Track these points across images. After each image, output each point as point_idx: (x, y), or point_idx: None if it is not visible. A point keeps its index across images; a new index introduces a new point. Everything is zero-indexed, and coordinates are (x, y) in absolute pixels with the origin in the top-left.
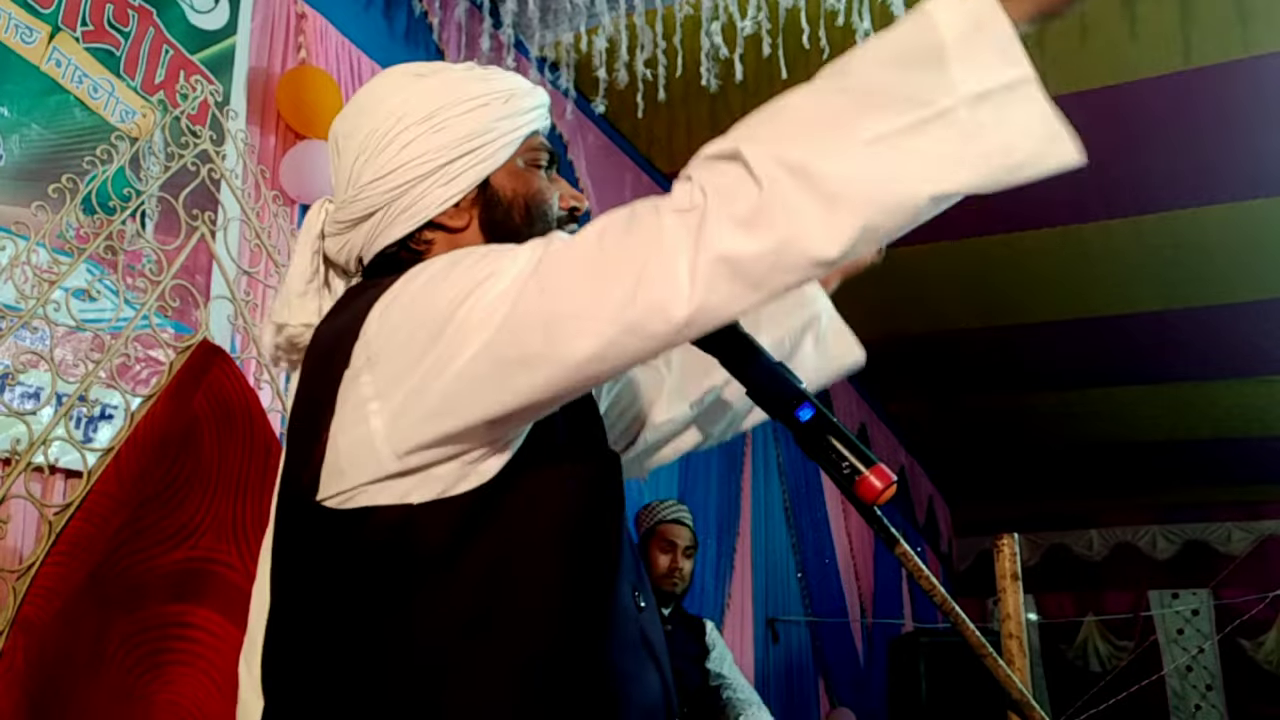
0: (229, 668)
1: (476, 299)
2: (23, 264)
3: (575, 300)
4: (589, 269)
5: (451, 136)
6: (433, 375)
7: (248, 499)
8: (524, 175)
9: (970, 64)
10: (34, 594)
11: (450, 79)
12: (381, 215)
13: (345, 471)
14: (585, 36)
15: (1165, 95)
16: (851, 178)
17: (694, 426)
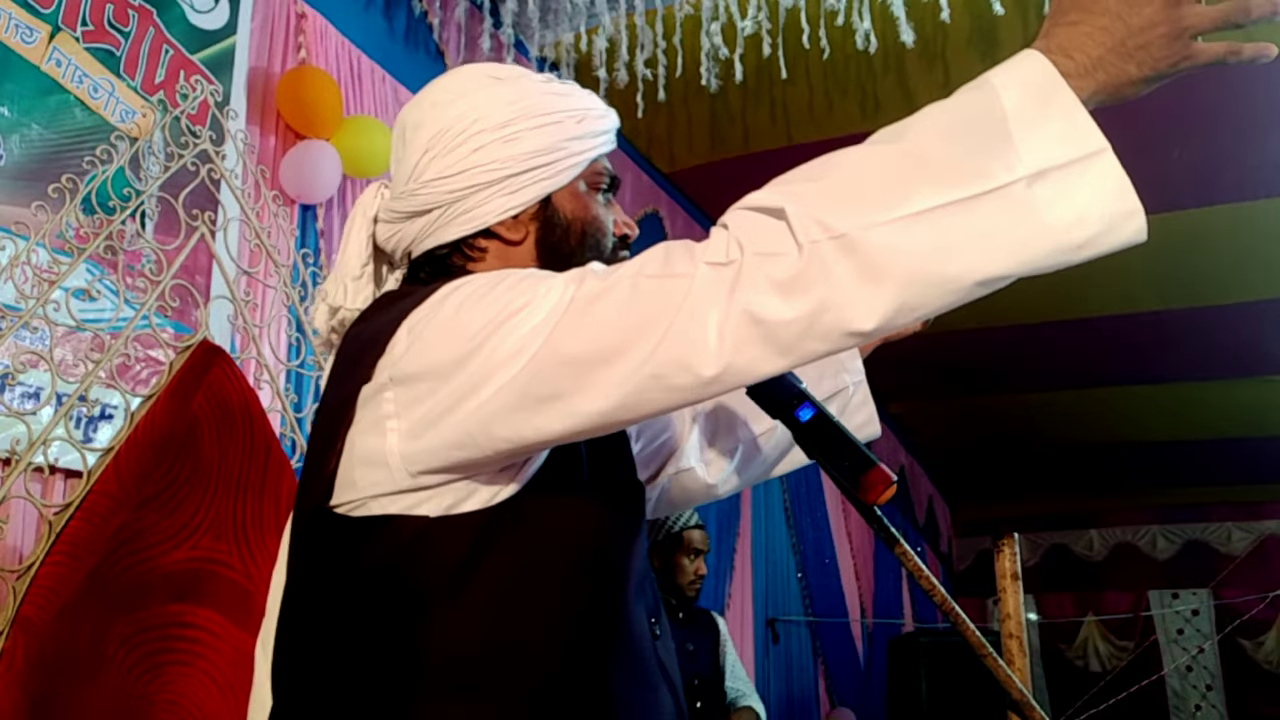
0: (229, 668)
1: (508, 331)
2: (23, 264)
3: (605, 346)
4: (621, 315)
5: (522, 149)
6: (455, 402)
7: (247, 499)
8: (585, 199)
9: (1033, 137)
10: (34, 594)
11: (528, 88)
12: (439, 214)
13: (357, 482)
14: (585, 36)
15: (1165, 95)
16: (897, 251)
17: (723, 469)
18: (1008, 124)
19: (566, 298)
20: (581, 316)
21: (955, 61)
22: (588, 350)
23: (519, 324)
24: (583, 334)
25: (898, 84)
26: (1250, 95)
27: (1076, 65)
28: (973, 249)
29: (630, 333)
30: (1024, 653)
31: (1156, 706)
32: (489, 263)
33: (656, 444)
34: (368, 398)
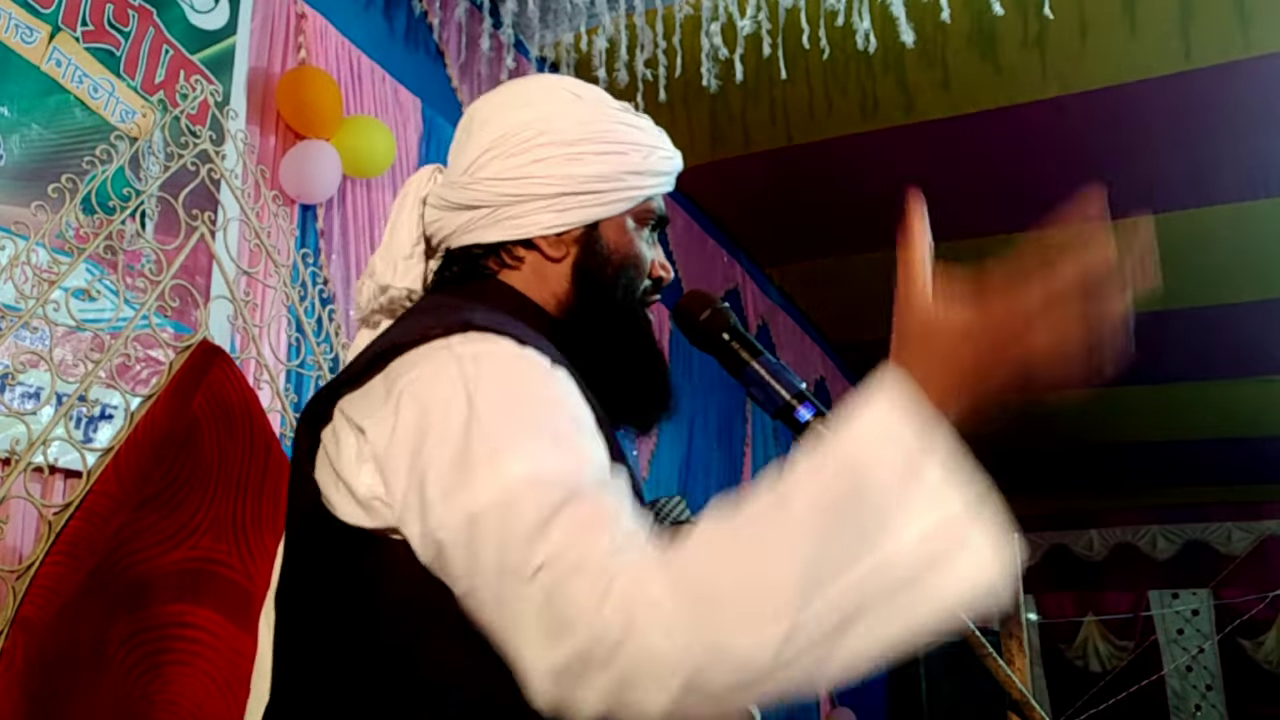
0: (229, 668)
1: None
2: (22, 264)
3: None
4: (519, 606)
5: (584, 171)
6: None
7: (247, 499)
8: (631, 234)
9: (905, 532)
10: (34, 594)
11: (603, 113)
12: (487, 213)
13: (329, 495)
14: (585, 36)
15: (1165, 95)
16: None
17: None
18: (884, 521)
19: (542, 506)
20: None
21: (955, 61)
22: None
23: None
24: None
25: (898, 84)
26: (1250, 95)
27: (940, 419)
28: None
29: (499, 629)
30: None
31: (1156, 706)
32: (522, 273)
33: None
34: (343, 430)
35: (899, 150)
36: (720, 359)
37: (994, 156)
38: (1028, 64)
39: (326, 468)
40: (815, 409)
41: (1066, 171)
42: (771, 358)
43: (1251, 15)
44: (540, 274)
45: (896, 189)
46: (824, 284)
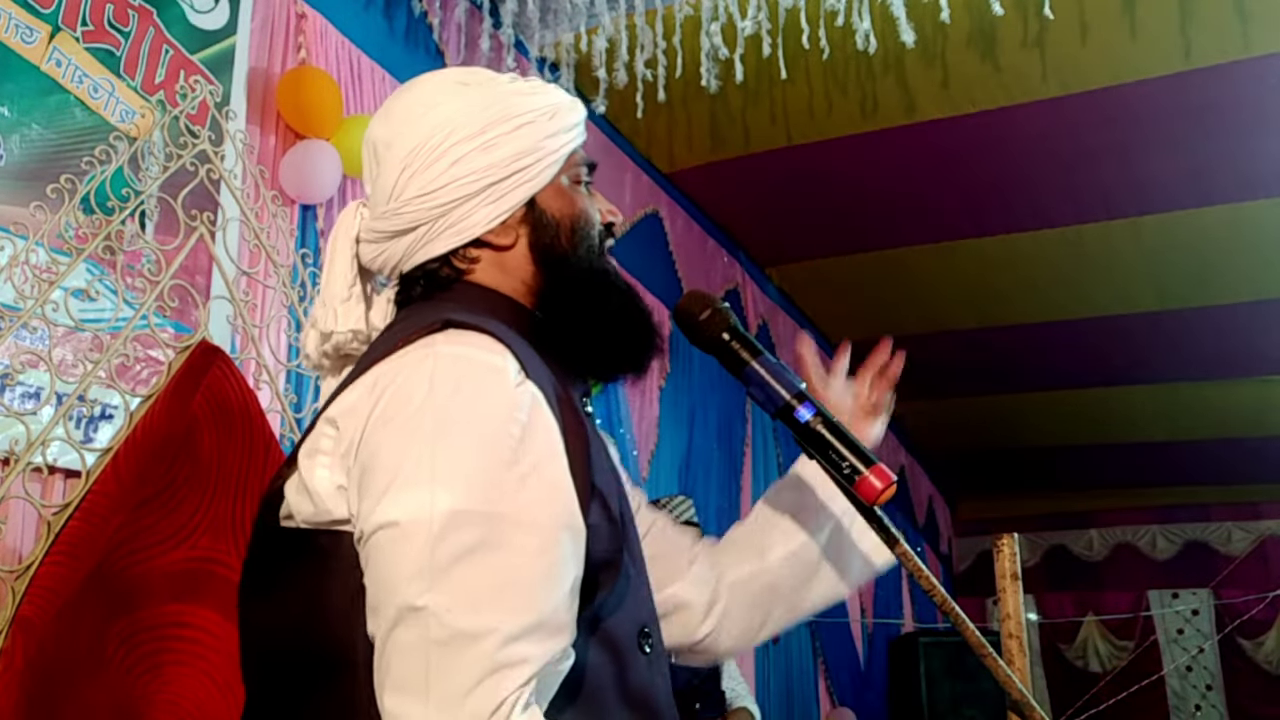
0: (229, 668)
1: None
2: (22, 264)
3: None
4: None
5: (500, 155)
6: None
7: (247, 499)
8: (569, 194)
9: None
10: (33, 594)
11: (497, 92)
12: (425, 230)
13: (292, 499)
14: (585, 36)
15: (1165, 95)
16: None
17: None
18: None
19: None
20: (390, 630)
21: (955, 61)
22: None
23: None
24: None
25: (898, 84)
26: (1250, 95)
27: None
28: None
29: (382, 659)
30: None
31: (1156, 706)
32: (483, 270)
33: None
34: (322, 430)
35: (899, 150)
36: (720, 359)
37: (994, 156)
38: (1028, 64)
39: (295, 475)
40: (815, 409)
41: (1066, 171)
42: (771, 358)
43: (1251, 15)
44: (500, 265)
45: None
46: (824, 284)
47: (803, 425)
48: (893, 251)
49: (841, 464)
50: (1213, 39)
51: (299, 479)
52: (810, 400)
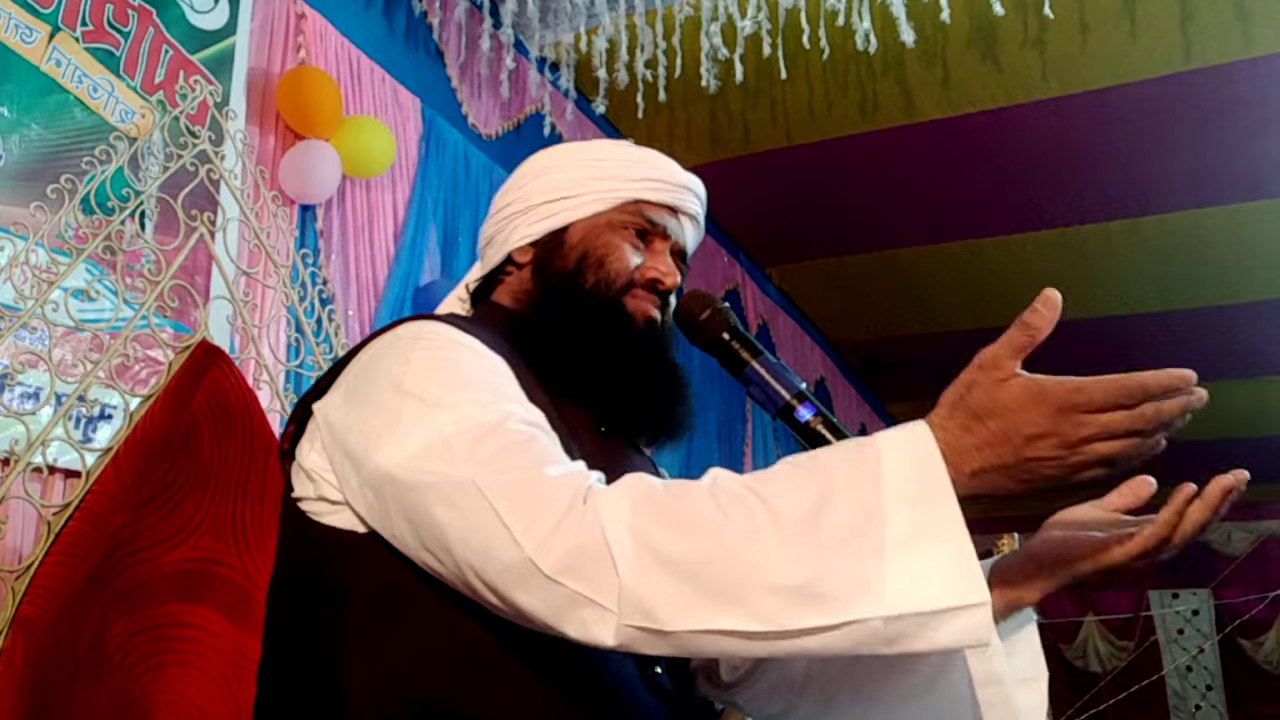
0: (229, 668)
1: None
2: (21, 264)
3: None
4: (494, 542)
5: (547, 184)
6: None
7: (247, 499)
8: (604, 231)
9: (907, 570)
10: (33, 594)
11: (592, 144)
12: (489, 246)
13: (292, 480)
14: (585, 36)
15: (1165, 95)
16: (701, 648)
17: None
18: (884, 547)
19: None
20: (441, 511)
21: (955, 61)
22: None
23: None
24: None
25: (898, 84)
26: (1250, 95)
27: (959, 477)
28: (787, 657)
29: (473, 564)
30: None
31: (1156, 706)
32: (509, 284)
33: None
34: (313, 419)
35: (899, 150)
36: (720, 359)
37: (994, 156)
38: (1028, 64)
39: (295, 464)
40: (815, 409)
41: (1066, 171)
42: (771, 358)
43: (1251, 15)
44: (519, 280)
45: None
46: (824, 284)
47: (803, 425)
48: (893, 251)
49: None
50: (1213, 39)
51: (297, 463)
52: (810, 400)
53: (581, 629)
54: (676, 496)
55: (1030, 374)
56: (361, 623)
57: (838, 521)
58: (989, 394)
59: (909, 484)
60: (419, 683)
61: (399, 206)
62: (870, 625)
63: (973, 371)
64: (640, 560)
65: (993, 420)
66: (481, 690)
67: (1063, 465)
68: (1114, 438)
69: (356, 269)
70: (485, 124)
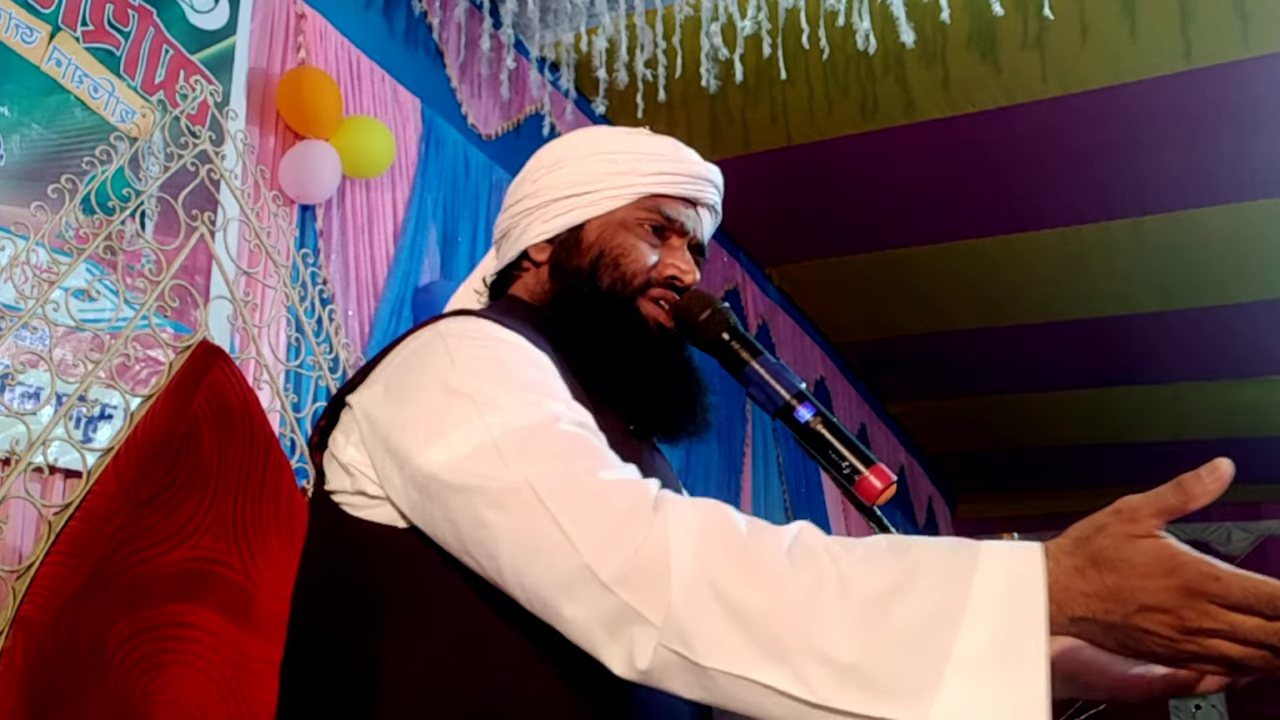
0: (229, 668)
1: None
2: (22, 264)
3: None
4: (513, 533)
5: (563, 179)
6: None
7: (247, 499)
8: (620, 229)
9: (966, 687)
10: (34, 594)
11: (603, 134)
12: (502, 242)
13: (327, 473)
14: (585, 36)
15: (1165, 95)
16: (731, 698)
17: None
18: (949, 656)
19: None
20: (491, 514)
21: (955, 61)
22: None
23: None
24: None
25: (898, 84)
26: (1250, 95)
27: (1059, 616)
28: None
29: (513, 570)
30: None
31: (1156, 706)
32: (524, 282)
33: None
34: (347, 412)
35: (899, 150)
36: (720, 359)
37: (994, 156)
38: (1028, 64)
39: (327, 455)
40: (815, 409)
41: (1066, 171)
42: (771, 358)
43: (1251, 15)
44: (536, 277)
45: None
46: (824, 284)
47: (803, 425)
48: (893, 251)
49: (841, 464)
50: (1213, 39)
51: (332, 456)
52: (810, 400)
53: (619, 645)
54: (752, 534)
55: (1169, 539)
56: (397, 620)
57: (910, 614)
58: (1116, 545)
59: (999, 595)
60: (455, 683)
61: (399, 206)
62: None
63: (1108, 515)
64: (697, 587)
65: (1112, 574)
66: (515, 690)
67: (1171, 647)
68: (1239, 642)
69: (356, 269)
70: (485, 124)
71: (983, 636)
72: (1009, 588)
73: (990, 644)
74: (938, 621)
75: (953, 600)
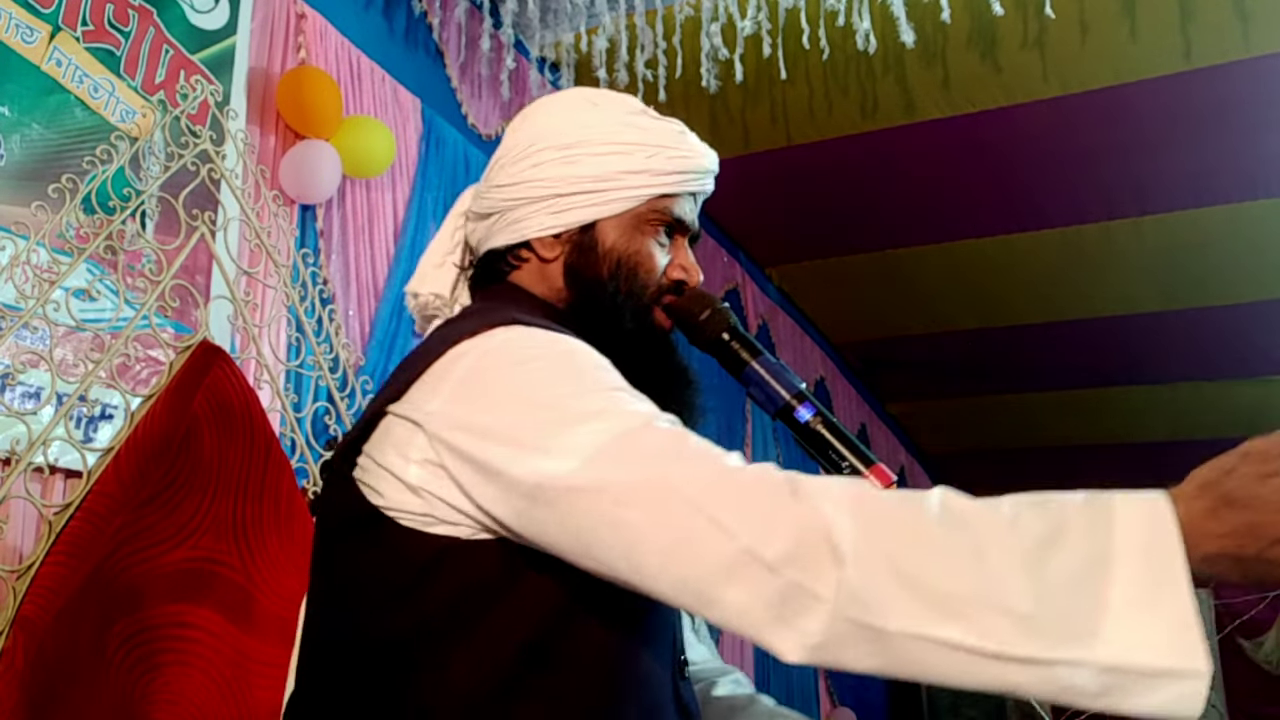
0: (229, 668)
1: (576, 434)
2: (23, 264)
3: (631, 542)
4: (654, 528)
5: (576, 172)
6: (493, 471)
7: (247, 499)
8: (635, 233)
9: (1128, 625)
10: (34, 594)
11: (611, 115)
12: (496, 220)
13: (374, 488)
14: (585, 36)
15: (1165, 95)
16: (919, 661)
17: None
18: (1108, 597)
19: (682, 457)
20: (621, 512)
21: (955, 61)
22: (657, 533)
23: (594, 431)
24: (618, 516)
25: (898, 84)
26: (1250, 95)
27: (1192, 555)
28: (994, 689)
29: (656, 564)
30: None
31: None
32: (527, 273)
33: None
34: (395, 424)
35: (899, 150)
36: (720, 359)
37: (994, 156)
38: (1028, 64)
39: (373, 470)
40: (815, 409)
41: (1066, 171)
42: (771, 358)
43: (1251, 15)
44: (541, 273)
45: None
46: (824, 284)
47: (802, 425)
48: (893, 251)
49: (841, 464)
50: (1213, 39)
51: (381, 470)
52: (810, 400)
53: (787, 626)
54: (903, 502)
55: None
56: (476, 624)
57: (1066, 563)
58: (1248, 485)
59: (1139, 540)
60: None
61: (399, 206)
62: (1083, 671)
63: (1235, 458)
64: (867, 558)
65: (1245, 511)
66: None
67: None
68: None
69: (357, 269)
70: (485, 124)
71: (1132, 580)
72: (1146, 534)
73: (1139, 586)
74: (1090, 569)
75: (1099, 549)
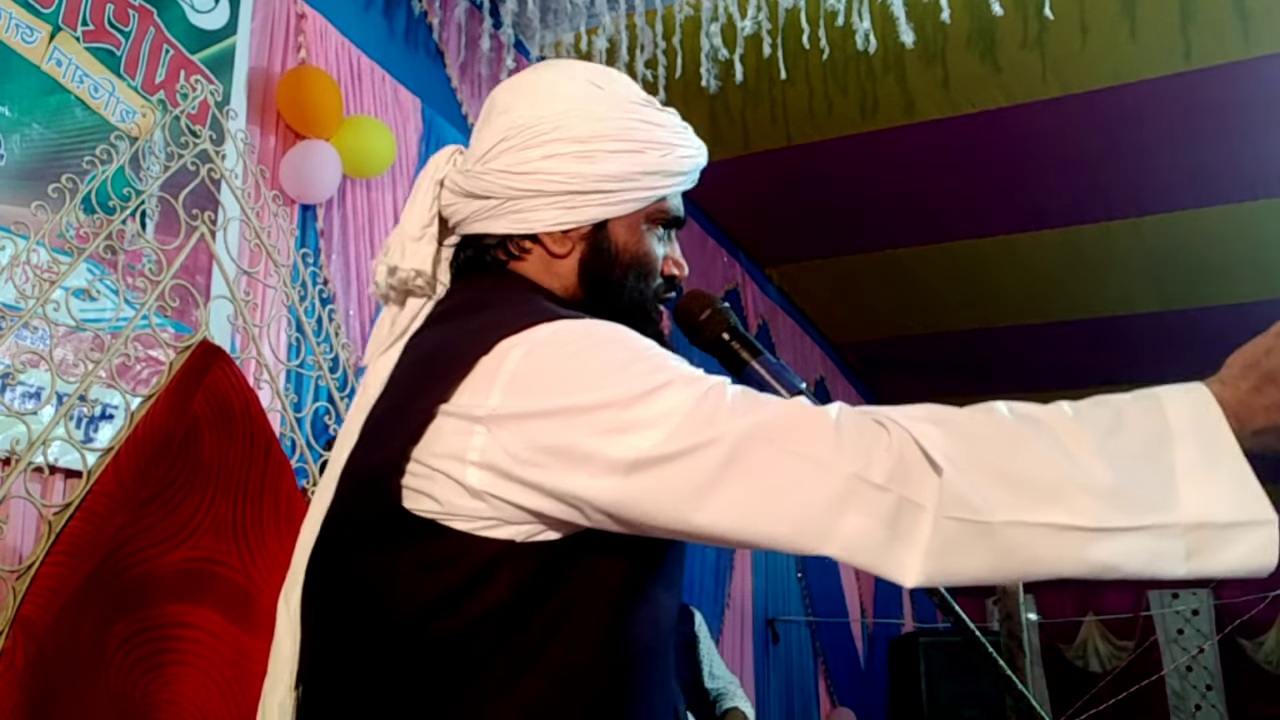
0: (229, 668)
1: (651, 406)
2: (23, 264)
3: (745, 511)
4: (763, 490)
5: (594, 170)
6: (568, 460)
7: (247, 499)
8: (641, 233)
9: (1199, 488)
10: (34, 594)
11: (623, 108)
12: (495, 205)
13: (425, 492)
14: (585, 36)
15: (1165, 95)
16: (1029, 550)
17: None
18: (1174, 466)
19: (755, 421)
20: (723, 468)
21: (955, 61)
22: (760, 492)
23: (664, 401)
24: (718, 488)
25: (898, 84)
26: (1250, 95)
27: (1243, 431)
28: (1096, 569)
29: (768, 509)
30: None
31: (1156, 706)
32: (531, 264)
33: None
34: (449, 420)
35: (899, 150)
36: (720, 359)
37: (994, 156)
38: (1028, 64)
39: (423, 474)
40: None
41: (1066, 171)
42: (771, 358)
43: (1251, 15)
44: (547, 267)
45: (896, 189)
46: (824, 284)
47: None
48: (893, 251)
49: None
50: (1213, 39)
51: (435, 474)
52: (811, 399)
53: (901, 540)
54: (977, 411)
55: None
56: (542, 620)
57: (1131, 443)
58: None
59: (1188, 417)
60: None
61: (399, 206)
62: (1172, 531)
63: (1272, 338)
64: (961, 462)
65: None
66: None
67: None
68: None
69: (357, 269)
70: None
71: (1191, 451)
72: (1192, 412)
73: (1199, 454)
74: (1154, 446)
75: (1157, 428)
